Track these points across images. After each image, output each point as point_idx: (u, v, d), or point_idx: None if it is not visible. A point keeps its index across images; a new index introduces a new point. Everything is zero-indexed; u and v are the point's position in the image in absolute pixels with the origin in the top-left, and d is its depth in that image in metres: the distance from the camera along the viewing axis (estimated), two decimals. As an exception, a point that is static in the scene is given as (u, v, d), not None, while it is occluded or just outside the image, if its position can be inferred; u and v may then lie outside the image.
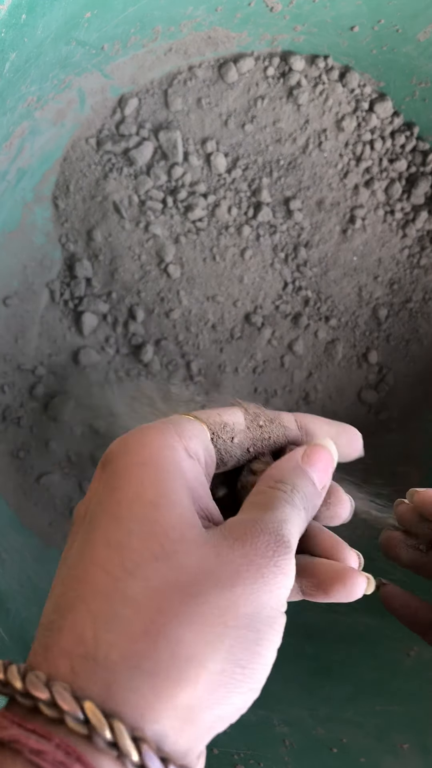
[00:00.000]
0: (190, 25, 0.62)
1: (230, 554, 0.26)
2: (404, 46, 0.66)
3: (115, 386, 0.78)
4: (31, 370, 0.75)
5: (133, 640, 0.24)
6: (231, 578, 0.26)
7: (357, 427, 0.88)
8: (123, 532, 0.27)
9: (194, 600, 0.25)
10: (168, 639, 0.24)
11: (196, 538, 0.27)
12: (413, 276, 0.81)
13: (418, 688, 0.59)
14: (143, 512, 0.27)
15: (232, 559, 0.26)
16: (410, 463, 0.85)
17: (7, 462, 0.75)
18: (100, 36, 0.54)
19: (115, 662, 0.24)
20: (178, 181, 0.73)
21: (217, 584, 0.25)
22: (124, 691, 0.23)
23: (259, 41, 0.68)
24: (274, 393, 0.82)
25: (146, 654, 0.24)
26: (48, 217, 0.73)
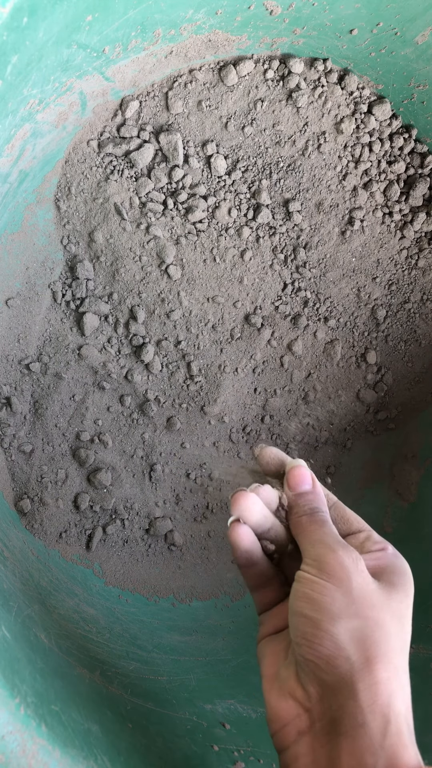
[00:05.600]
0: (191, 28, 0.63)
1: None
2: (403, 49, 0.67)
3: (115, 387, 0.79)
4: (33, 370, 0.75)
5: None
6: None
7: (356, 427, 0.89)
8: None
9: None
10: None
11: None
12: (411, 277, 0.82)
13: (416, 685, 0.59)
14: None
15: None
16: (409, 461, 0.85)
17: (8, 461, 0.75)
18: (101, 39, 0.54)
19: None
20: (179, 183, 0.74)
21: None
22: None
23: (259, 44, 0.69)
24: (273, 393, 0.82)
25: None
26: (50, 219, 0.73)
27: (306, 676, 0.38)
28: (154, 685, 0.58)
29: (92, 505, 0.77)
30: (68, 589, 0.69)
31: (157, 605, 0.77)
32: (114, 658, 0.59)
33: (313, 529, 0.42)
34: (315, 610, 0.38)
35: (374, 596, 0.39)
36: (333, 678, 0.37)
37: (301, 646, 0.38)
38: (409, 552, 0.78)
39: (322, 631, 0.37)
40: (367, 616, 0.38)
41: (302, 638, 0.38)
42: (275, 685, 0.40)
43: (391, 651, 0.38)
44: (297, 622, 0.39)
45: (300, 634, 0.38)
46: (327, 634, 0.37)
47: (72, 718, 0.44)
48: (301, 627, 0.38)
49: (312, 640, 0.37)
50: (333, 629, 0.37)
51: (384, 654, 0.37)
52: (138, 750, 0.46)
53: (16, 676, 0.42)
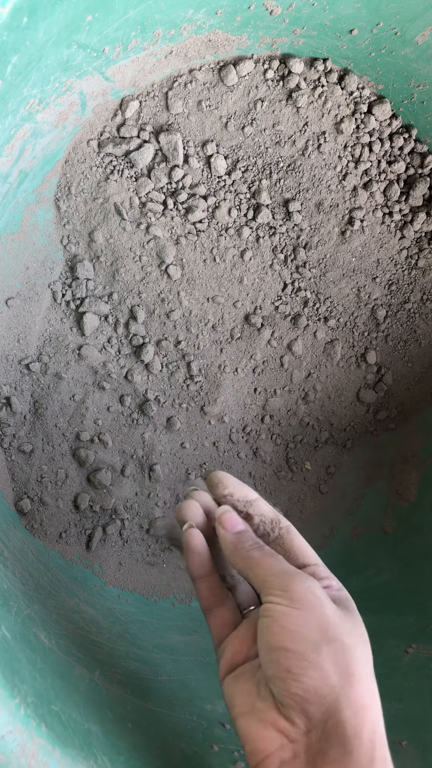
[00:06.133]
0: (191, 28, 0.63)
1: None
2: (403, 49, 0.67)
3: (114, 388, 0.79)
4: (33, 370, 0.75)
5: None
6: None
7: (356, 427, 0.89)
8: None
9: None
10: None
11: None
12: (411, 277, 0.82)
13: (416, 685, 0.59)
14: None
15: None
16: (408, 461, 0.85)
17: (8, 461, 0.75)
18: (101, 39, 0.54)
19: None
20: (179, 183, 0.74)
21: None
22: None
23: (259, 44, 0.69)
24: (273, 393, 0.82)
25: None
26: (50, 219, 0.73)
27: (290, 710, 0.37)
28: (154, 685, 0.58)
29: (92, 505, 0.77)
30: (68, 589, 0.69)
31: (157, 605, 0.77)
32: (114, 658, 0.59)
33: (271, 562, 0.42)
34: (296, 641, 0.37)
35: (342, 621, 0.39)
36: (319, 709, 0.36)
37: (285, 680, 0.37)
38: (409, 552, 0.78)
39: (306, 661, 0.37)
40: (343, 641, 0.38)
41: (286, 672, 0.37)
42: (254, 718, 0.39)
43: (366, 676, 0.38)
44: (277, 656, 0.38)
45: (283, 668, 0.37)
46: (312, 664, 0.37)
47: (72, 718, 0.44)
48: (283, 661, 0.37)
49: (298, 672, 0.37)
50: (318, 658, 0.37)
51: (363, 678, 0.37)
52: (138, 750, 0.46)
53: (16, 676, 0.42)
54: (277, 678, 0.37)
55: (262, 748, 0.37)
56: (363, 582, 0.77)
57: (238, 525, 0.45)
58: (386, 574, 0.77)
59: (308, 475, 0.85)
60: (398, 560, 0.78)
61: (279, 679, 0.37)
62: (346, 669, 0.37)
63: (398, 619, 0.69)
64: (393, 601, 0.72)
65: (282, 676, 0.37)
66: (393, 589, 0.74)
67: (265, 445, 0.83)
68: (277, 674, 0.37)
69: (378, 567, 0.79)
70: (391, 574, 0.77)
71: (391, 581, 0.76)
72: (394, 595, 0.73)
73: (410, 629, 0.66)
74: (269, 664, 0.38)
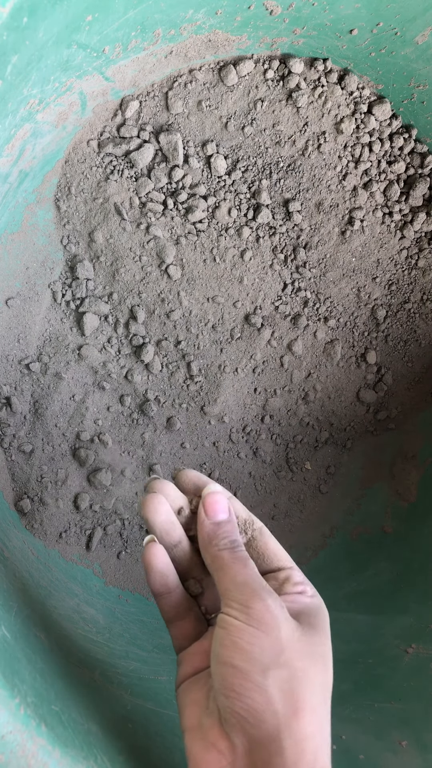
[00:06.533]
0: (191, 28, 0.63)
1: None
2: (403, 49, 0.67)
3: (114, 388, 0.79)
4: (33, 370, 0.75)
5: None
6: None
7: (356, 427, 0.89)
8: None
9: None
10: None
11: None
12: (411, 277, 0.82)
13: (417, 685, 0.59)
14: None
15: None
16: (408, 461, 0.85)
17: (8, 461, 0.75)
18: (101, 39, 0.54)
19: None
20: (179, 183, 0.74)
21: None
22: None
23: (259, 44, 0.69)
24: (273, 393, 0.82)
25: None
26: (50, 219, 0.73)
27: (231, 728, 0.36)
28: (154, 685, 0.58)
29: (92, 505, 0.77)
30: (68, 589, 0.69)
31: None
32: (114, 658, 0.59)
33: (237, 569, 0.40)
34: (244, 660, 0.36)
35: (299, 644, 0.38)
36: (260, 732, 0.35)
37: (228, 698, 0.36)
38: (409, 552, 0.78)
39: (251, 683, 0.36)
40: (296, 667, 0.37)
41: (230, 690, 0.36)
42: (198, 736, 0.38)
43: (317, 703, 0.37)
44: (224, 672, 0.37)
45: (227, 685, 0.36)
46: (257, 687, 0.36)
47: (72, 718, 0.44)
48: (228, 678, 0.37)
49: (241, 692, 0.36)
50: (264, 682, 0.36)
51: (311, 708, 0.36)
52: (138, 750, 0.46)
53: (16, 676, 0.42)
54: (222, 694, 0.37)
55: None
56: (363, 582, 0.77)
57: (221, 513, 0.43)
58: (386, 574, 0.77)
59: (308, 475, 0.85)
60: (398, 560, 0.78)
61: (223, 695, 0.37)
62: (292, 696, 0.36)
63: (398, 619, 0.69)
64: (393, 601, 0.72)
65: (226, 692, 0.37)
66: (393, 589, 0.74)
67: (265, 445, 0.83)
68: (222, 690, 0.37)
69: (378, 567, 0.79)
70: (391, 574, 0.77)
71: (391, 581, 0.76)
72: (394, 595, 0.73)
73: (410, 629, 0.66)
74: (216, 677, 0.38)
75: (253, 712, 0.36)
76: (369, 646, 0.65)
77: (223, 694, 0.37)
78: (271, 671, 0.36)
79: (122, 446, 0.79)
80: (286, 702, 0.36)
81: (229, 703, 0.36)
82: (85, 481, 0.77)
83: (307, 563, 0.84)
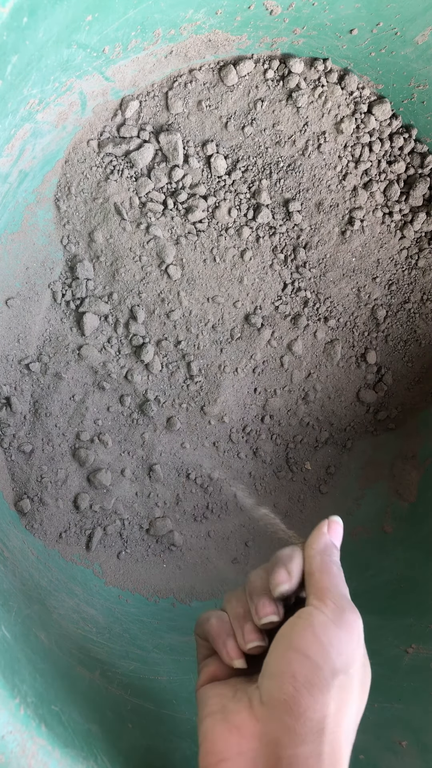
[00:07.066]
0: (191, 28, 0.63)
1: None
2: (403, 49, 0.67)
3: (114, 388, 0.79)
4: (33, 370, 0.75)
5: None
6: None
7: (356, 427, 0.89)
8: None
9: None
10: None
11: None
12: (411, 277, 0.82)
13: (417, 685, 0.59)
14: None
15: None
16: (409, 461, 0.85)
17: (8, 461, 0.75)
18: (101, 39, 0.54)
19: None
20: (179, 183, 0.74)
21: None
22: None
23: (259, 44, 0.69)
24: (273, 393, 0.82)
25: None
26: (50, 219, 0.73)
27: (269, 714, 0.36)
28: (154, 685, 0.58)
29: (92, 505, 0.77)
30: (68, 589, 0.69)
31: (157, 605, 0.77)
32: (114, 658, 0.59)
33: (340, 581, 0.42)
34: (320, 655, 0.36)
35: (363, 667, 0.39)
36: (300, 728, 0.35)
37: (283, 684, 0.36)
38: (409, 552, 0.78)
39: (319, 679, 0.36)
40: (354, 683, 0.37)
41: (291, 676, 0.36)
42: (220, 718, 0.38)
43: (353, 723, 0.37)
44: (293, 658, 0.36)
45: (290, 671, 0.36)
46: (323, 685, 0.36)
47: (72, 718, 0.44)
48: (296, 665, 0.36)
49: (302, 682, 0.36)
50: (331, 682, 0.36)
51: (348, 723, 0.37)
52: (138, 750, 0.46)
53: (16, 676, 0.42)
54: (278, 676, 0.36)
55: (218, 750, 0.37)
56: (363, 582, 0.77)
57: (338, 540, 0.46)
58: (386, 574, 0.77)
59: (308, 475, 0.85)
60: (398, 560, 0.78)
61: (278, 678, 0.36)
62: (342, 707, 0.36)
63: (398, 619, 0.69)
64: (393, 601, 0.72)
65: (283, 678, 0.36)
66: (393, 589, 0.74)
67: (265, 445, 0.83)
68: (280, 672, 0.36)
69: (378, 567, 0.79)
70: (391, 574, 0.77)
71: (391, 581, 0.76)
72: (394, 595, 0.73)
73: (410, 629, 0.66)
74: (278, 661, 0.37)
75: (303, 707, 0.35)
76: (369, 646, 0.64)
77: (278, 677, 0.36)
78: (341, 675, 0.36)
79: (122, 446, 0.79)
80: (337, 710, 0.36)
81: (282, 688, 0.36)
82: (85, 481, 0.77)
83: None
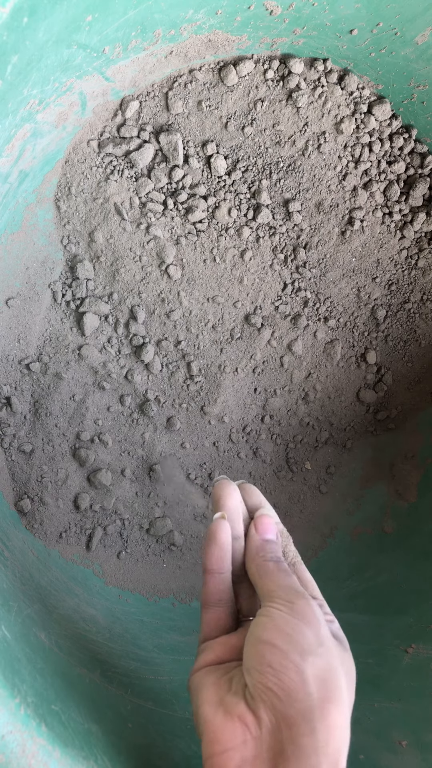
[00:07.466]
0: (191, 28, 0.63)
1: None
2: (403, 49, 0.67)
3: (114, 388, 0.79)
4: (33, 370, 0.75)
5: None
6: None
7: (355, 427, 0.89)
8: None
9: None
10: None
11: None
12: (411, 277, 0.82)
13: (416, 684, 0.59)
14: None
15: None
16: (408, 461, 0.85)
17: (8, 461, 0.75)
18: (101, 39, 0.54)
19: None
20: (179, 183, 0.74)
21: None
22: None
23: (259, 44, 0.69)
24: (273, 393, 0.82)
25: None
26: (50, 219, 0.73)
27: (260, 704, 0.37)
28: (154, 685, 0.58)
29: (92, 505, 0.77)
30: (68, 589, 0.69)
31: (157, 605, 0.77)
32: (114, 658, 0.59)
33: (282, 577, 0.43)
34: (286, 642, 0.38)
35: (336, 648, 0.40)
36: (291, 711, 0.36)
37: (263, 673, 0.37)
38: (409, 552, 0.78)
39: (290, 662, 0.37)
40: (331, 662, 0.38)
41: (267, 666, 0.37)
42: (220, 708, 0.39)
43: (344, 702, 0.38)
44: (263, 650, 0.38)
45: (265, 662, 0.38)
46: (295, 666, 0.37)
47: (72, 718, 0.44)
48: (267, 655, 0.38)
49: (278, 669, 0.37)
50: (302, 663, 0.37)
51: (341, 702, 0.37)
52: (138, 750, 0.46)
53: (16, 676, 0.42)
54: (256, 670, 0.38)
55: (224, 739, 0.37)
56: (363, 582, 0.77)
57: (270, 533, 0.47)
58: (386, 574, 0.77)
59: (308, 475, 0.85)
60: (398, 560, 0.78)
61: (257, 671, 0.38)
62: (325, 685, 0.37)
63: (398, 619, 0.69)
64: (393, 601, 0.72)
65: (261, 669, 0.38)
66: (393, 589, 0.74)
67: (265, 445, 0.83)
68: (257, 666, 0.38)
69: (378, 567, 0.79)
70: (391, 574, 0.77)
71: (391, 581, 0.76)
72: (394, 595, 0.73)
73: (410, 629, 0.66)
74: (252, 656, 0.39)
75: (287, 689, 0.37)
76: (369, 646, 0.65)
77: (257, 670, 0.38)
78: (310, 657, 0.38)
79: (122, 446, 0.79)
80: (319, 687, 0.37)
81: (263, 678, 0.37)
82: (85, 481, 0.77)
83: (307, 563, 0.84)
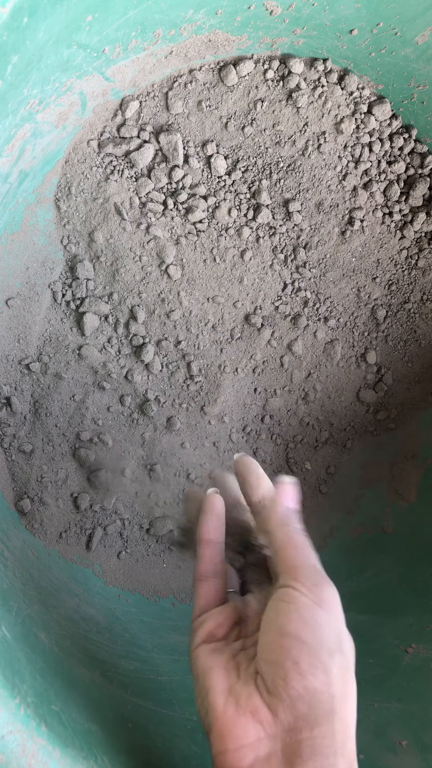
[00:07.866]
0: (191, 28, 0.63)
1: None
2: (403, 49, 0.67)
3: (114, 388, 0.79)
4: (33, 370, 0.75)
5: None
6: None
7: (356, 427, 0.89)
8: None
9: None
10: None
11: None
12: (411, 277, 0.82)
13: (416, 684, 0.59)
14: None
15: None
16: (409, 461, 0.85)
17: (8, 461, 0.75)
18: (101, 39, 0.54)
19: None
20: (179, 183, 0.74)
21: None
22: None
23: (259, 44, 0.69)
24: (273, 393, 0.82)
25: None
26: (50, 219, 0.73)
27: (280, 702, 0.36)
28: (154, 685, 0.58)
29: (92, 505, 0.77)
30: (68, 589, 0.69)
31: (157, 605, 0.77)
32: (114, 658, 0.59)
33: (309, 553, 0.41)
34: (315, 638, 0.36)
35: (349, 643, 0.39)
36: (313, 712, 0.35)
37: (288, 671, 0.36)
38: (409, 552, 0.78)
39: (319, 661, 0.36)
40: (349, 659, 0.37)
41: (293, 663, 0.36)
42: (231, 700, 0.37)
43: (355, 698, 0.37)
44: (289, 644, 0.36)
45: (291, 657, 0.36)
46: (324, 667, 0.36)
47: (72, 718, 0.44)
48: (294, 651, 0.36)
49: (306, 668, 0.36)
50: (329, 662, 0.36)
51: (354, 698, 0.37)
52: (138, 750, 0.46)
53: (16, 676, 0.42)
54: (279, 666, 0.36)
55: (237, 735, 0.36)
56: (363, 582, 0.77)
57: (293, 502, 0.44)
58: (386, 574, 0.77)
59: (308, 475, 0.85)
60: (398, 560, 0.78)
61: (281, 667, 0.36)
62: (345, 684, 0.36)
63: (398, 619, 0.69)
64: (393, 601, 0.72)
65: (286, 665, 0.36)
66: (393, 589, 0.74)
67: (265, 445, 0.83)
68: (281, 662, 0.36)
69: (378, 567, 0.79)
70: (391, 574, 0.77)
71: (391, 581, 0.76)
72: (394, 595, 0.73)
73: (410, 629, 0.66)
74: (274, 649, 0.37)
75: (312, 690, 0.35)
76: (369, 646, 0.65)
77: (280, 666, 0.36)
78: (336, 655, 0.36)
79: (122, 446, 0.79)
80: (342, 687, 0.36)
81: (288, 676, 0.36)
82: (85, 481, 0.77)
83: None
